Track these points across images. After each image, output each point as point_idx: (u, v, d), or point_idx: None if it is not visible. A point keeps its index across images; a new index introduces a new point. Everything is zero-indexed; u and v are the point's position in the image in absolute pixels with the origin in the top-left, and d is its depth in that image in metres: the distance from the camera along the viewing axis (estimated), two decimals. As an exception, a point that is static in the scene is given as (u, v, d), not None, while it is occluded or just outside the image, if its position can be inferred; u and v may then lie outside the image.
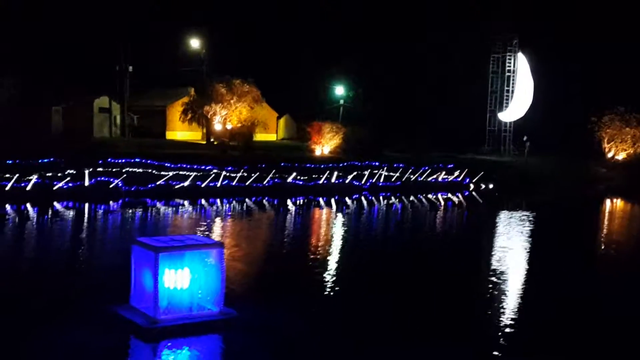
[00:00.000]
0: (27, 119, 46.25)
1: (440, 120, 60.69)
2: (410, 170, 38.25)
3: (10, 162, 25.69)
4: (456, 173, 39.85)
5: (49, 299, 10.58)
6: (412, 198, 32.96)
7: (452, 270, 14.67)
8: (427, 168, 39.04)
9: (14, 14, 51.93)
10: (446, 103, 64.13)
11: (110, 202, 25.23)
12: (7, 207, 22.36)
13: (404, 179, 37.53)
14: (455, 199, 33.76)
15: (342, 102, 64.80)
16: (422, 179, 38.29)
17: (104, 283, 11.87)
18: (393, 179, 37.19)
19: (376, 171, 37.09)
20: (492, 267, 15.13)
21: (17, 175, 24.85)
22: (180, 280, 8.87)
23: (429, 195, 34.35)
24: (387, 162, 39.24)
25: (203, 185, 29.92)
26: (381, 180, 36.68)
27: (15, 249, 15.76)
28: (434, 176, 38.87)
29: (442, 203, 31.95)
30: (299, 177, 33.89)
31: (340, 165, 37.26)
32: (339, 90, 65.56)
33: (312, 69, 68.09)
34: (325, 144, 45.71)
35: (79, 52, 52.18)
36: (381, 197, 32.92)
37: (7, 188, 24.26)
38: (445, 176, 39.39)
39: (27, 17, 52.76)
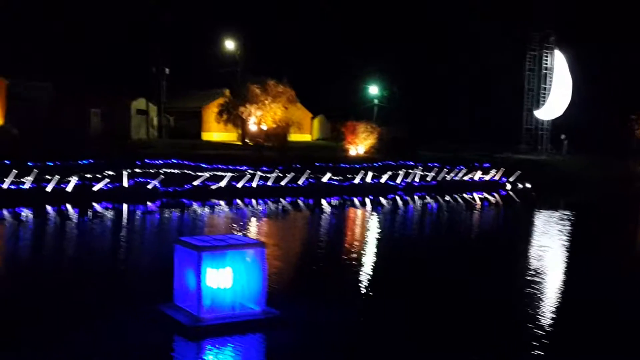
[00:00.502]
0: (67, 121, 47.22)
1: (476, 119, 60.16)
2: (446, 170, 37.99)
3: (51, 163, 26.21)
4: (492, 172, 39.45)
5: (96, 297, 10.80)
6: (447, 198, 32.74)
7: (489, 272, 14.55)
8: (462, 167, 38.73)
9: (55, 19, 53.00)
10: (482, 101, 63.53)
11: (148, 203, 25.58)
12: (48, 207, 22.84)
13: (439, 179, 37.29)
14: (491, 198, 33.44)
15: (376, 101, 64.62)
16: (457, 178, 38.00)
17: (146, 282, 12.07)
18: (428, 179, 36.98)
19: (411, 171, 36.92)
20: (532, 269, 14.94)
21: (57, 176, 25.36)
22: (223, 280, 8.94)
23: (465, 195, 34.08)
24: (422, 161, 39.03)
25: (239, 185, 30.15)
26: (416, 179, 36.50)
27: (59, 249, 16.08)
28: (470, 175, 38.53)
29: (479, 203, 31.67)
30: (333, 177, 33.92)
31: (375, 165, 37.17)
32: (373, 90, 65.41)
33: (346, 68, 68.08)
34: (360, 144, 45.64)
35: (116, 55, 53.04)
36: (416, 197, 32.77)
37: (48, 189, 24.77)
38: (482, 175, 39.01)
39: (68, 21, 53.80)
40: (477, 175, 38.82)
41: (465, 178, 38.22)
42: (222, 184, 29.69)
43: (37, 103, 49.02)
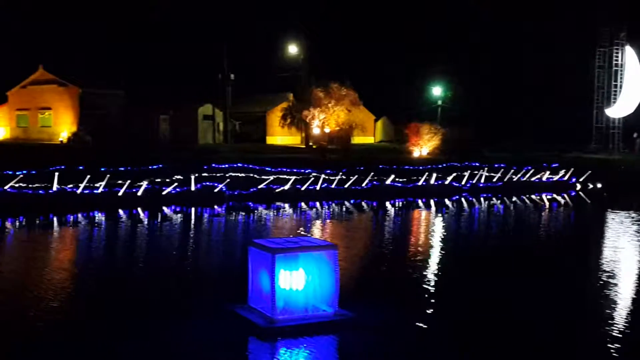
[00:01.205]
0: (137, 127, 48.74)
1: (543, 118, 58.77)
2: (512, 171, 37.27)
3: (122, 169, 27.09)
4: (561, 172, 38.45)
5: (172, 298, 11.08)
6: (514, 199, 32.12)
7: (561, 275, 14.23)
8: (530, 168, 37.90)
9: (125, 29, 54.71)
10: (550, 100, 62.02)
11: (215, 206, 26.11)
12: (120, 211, 23.61)
13: (505, 180, 36.61)
14: (560, 199, 32.61)
15: (440, 102, 63.99)
16: (525, 179, 37.21)
17: (219, 283, 12.30)
18: (494, 180, 36.37)
19: (476, 172, 36.39)
20: (607, 271, 14.53)
21: (128, 181, 26.18)
22: (295, 282, 9.05)
23: (533, 196, 33.36)
24: (487, 162, 38.42)
25: (303, 188, 30.41)
26: (482, 181, 35.95)
27: (132, 252, 16.57)
28: (538, 176, 37.66)
29: (547, 204, 30.94)
30: (397, 179, 33.79)
31: (439, 166, 36.83)
32: (437, 91, 64.80)
33: (409, 70, 67.71)
34: (424, 146, 45.31)
35: (183, 62, 54.32)
36: (482, 198, 32.29)
37: (120, 193, 25.61)
38: (550, 176, 38.08)
39: (137, 30, 55.47)
40: (545, 175, 37.91)
41: (533, 179, 37.38)
42: (286, 187, 30.01)
43: (109, 110, 50.79)
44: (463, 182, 35.21)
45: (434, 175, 34.83)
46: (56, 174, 24.91)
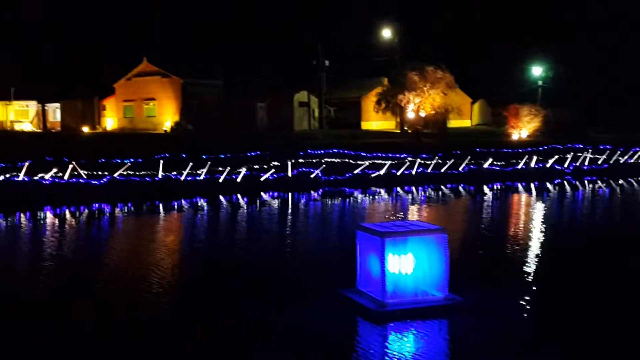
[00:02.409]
0: (235, 115, 50.05)
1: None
2: (619, 152, 35.61)
3: (222, 156, 27.96)
4: (673, 153, 36.40)
5: (280, 281, 11.28)
6: (621, 182, 30.70)
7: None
8: (638, 149, 36.07)
9: (222, 19, 56.08)
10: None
11: (311, 192, 26.49)
12: (220, 197, 24.40)
13: (611, 162, 35.04)
14: (672, 181, 30.87)
15: (540, 82, 61.73)
16: (632, 161, 35.47)
17: (324, 266, 12.43)
18: (599, 162, 34.90)
19: (580, 154, 35.04)
20: None
21: (228, 168, 27.01)
22: (404, 266, 9.02)
23: (641, 179, 31.77)
24: (592, 144, 36.89)
25: (398, 173, 30.32)
26: (586, 163, 34.59)
27: (234, 236, 17.07)
28: (647, 157, 35.82)
29: (657, 186, 29.39)
30: (495, 163, 33.06)
31: (540, 149, 35.72)
32: (537, 71, 62.48)
33: (506, 50, 65.76)
34: (523, 128, 44.02)
35: (279, 49, 55.12)
36: (586, 182, 31.08)
37: (220, 180, 26.47)
38: (660, 157, 36.12)
39: (234, 20, 56.75)
40: (655, 157, 36.00)
41: (642, 160, 35.60)
42: (382, 172, 30.01)
43: (209, 99, 52.40)
44: (565, 165, 34.01)
45: (535, 158, 33.83)
46: (161, 162, 26.05)
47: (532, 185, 29.25)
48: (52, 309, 9.76)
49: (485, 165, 32.57)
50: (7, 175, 23.29)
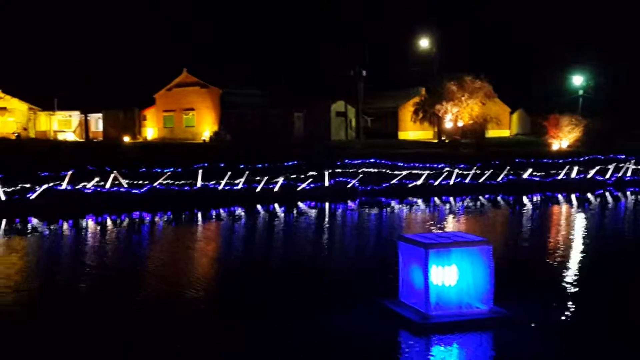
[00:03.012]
0: (273, 125, 50.41)
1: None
2: (663, 163, 34.82)
3: (259, 165, 28.17)
4: None
5: (322, 292, 11.28)
6: (665, 193, 30.02)
7: None
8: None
9: (259, 28, 56.60)
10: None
11: (348, 202, 26.49)
12: (258, 206, 24.58)
13: (656, 173, 34.28)
14: None
15: (581, 92, 60.80)
16: (677, 172, 34.65)
17: (364, 277, 12.40)
18: (642, 173, 34.16)
19: (622, 164, 34.36)
20: None
21: (266, 177, 27.19)
22: (448, 277, 8.94)
23: (687, 190, 30.99)
24: (635, 154, 36.13)
25: (436, 183, 30.14)
26: (628, 174, 33.90)
27: (273, 245, 17.14)
28: (692, 168, 34.94)
29: None
30: (535, 173, 32.63)
31: (581, 159, 35.14)
32: (577, 80, 61.61)
33: (546, 59, 64.96)
34: (564, 138, 43.38)
35: (316, 60, 55.42)
36: (628, 193, 30.44)
37: (257, 189, 26.66)
38: None
39: (270, 29, 57.25)
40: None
41: (687, 171, 34.73)
42: (419, 182, 29.86)
43: (247, 109, 52.89)
44: (607, 176, 33.39)
45: (575, 168, 33.30)
46: (200, 171, 26.36)
47: (573, 196, 28.78)
48: (100, 313, 9.96)
49: (525, 176, 32.17)
50: (51, 184, 23.84)
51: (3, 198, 22.64)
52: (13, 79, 55.81)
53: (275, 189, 27.01)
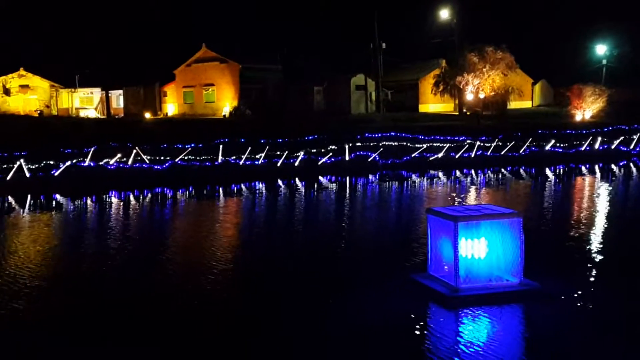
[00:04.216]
0: (293, 99, 50.29)
1: None
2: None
3: (280, 140, 28.20)
4: None
5: (351, 265, 11.30)
6: (691, 163, 29.59)
7: None
8: None
9: (276, 6, 56.25)
10: None
11: (369, 175, 26.47)
12: (279, 181, 24.65)
13: (681, 143, 33.79)
14: None
15: (604, 61, 59.80)
16: (703, 141, 34.11)
17: (392, 250, 12.40)
18: (668, 143, 33.70)
19: (647, 135, 33.90)
20: None
21: (286, 152, 27.24)
22: (477, 250, 8.89)
23: None
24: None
25: (457, 156, 29.98)
26: (653, 144, 33.46)
27: (299, 221, 17.18)
28: None
29: None
30: (557, 145, 32.31)
31: (605, 130, 34.71)
32: (601, 50, 60.54)
33: (568, 29, 63.85)
34: (587, 108, 42.81)
35: (336, 34, 54.95)
36: (654, 163, 30.07)
37: (278, 164, 26.74)
38: None
39: (288, 5, 56.80)
40: None
41: None
42: (440, 154, 29.73)
43: (266, 84, 52.79)
44: (632, 146, 32.96)
45: (599, 139, 32.92)
46: (220, 146, 26.49)
47: (597, 167, 28.48)
48: (127, 289, 10.09)
49: (547, 147, 31.87)
50: (74, 161, 24.11)
51: (28, 175, 22.95)
52: (34, 57, 56.20)
53: (296, 164, 27.06)
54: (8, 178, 22.58)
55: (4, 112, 50.58)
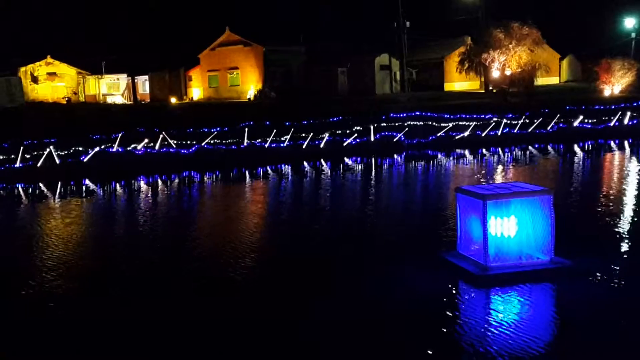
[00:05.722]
0: (317, 81, 50.21)
1: None
2: None
3: (305, 122, 28.21)
4: None
5: (381, 244, 11.37)
6: None
7: None
8: None
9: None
10: None
11: (395, 156, 26.38)
12: (305, 163, 24.68)
13: None
14: None
15: (633, 35, 58.55)
16: None
17: (419, 230, 12.48)
18: (700, 117, 33.01)
19: (678, 109, 33.26)
20: None
21: (311, 134, 27.26)
22: (507, 228, 8.85)
23: None
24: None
25: (483, 134, 29.74)
26: (685, 118, 32.80)
27: (324, 201, 17.17)
28: None
29: None
30: (586, 121, 31.86)
31: (634, 104, 34.11)
32: (630, 23, 59.25)
33: (596, 1, 62.58)
34: (616, 83, 42.07)
35: (359, 13, 54.55)
36: (686, 138, 29.49)
37: (303, 146, 26.77)
38: None
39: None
40: None
41: None
42: (466, 133, 29.51)
43: (291, 66, 52.71)
44: (662, 121, 32.38)
45: (628, 114, 32.38)
46: (246, 130, 26.60)
47: (626, 143, 28.04)
48: (159, 268, 10.29)
49: (576, 124, 31.45)
50: (102, 147, 24.41)
51: (58, 161, 23.31)
52: (61, 45, 56.69)
53: (321, 145, 27.07)
54: (39, 165, 22.97)
55: (32, 100, 51.22)
